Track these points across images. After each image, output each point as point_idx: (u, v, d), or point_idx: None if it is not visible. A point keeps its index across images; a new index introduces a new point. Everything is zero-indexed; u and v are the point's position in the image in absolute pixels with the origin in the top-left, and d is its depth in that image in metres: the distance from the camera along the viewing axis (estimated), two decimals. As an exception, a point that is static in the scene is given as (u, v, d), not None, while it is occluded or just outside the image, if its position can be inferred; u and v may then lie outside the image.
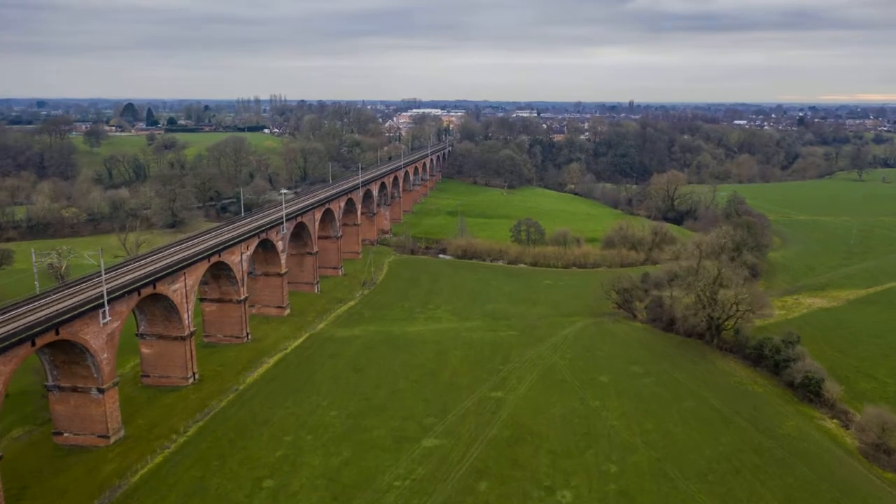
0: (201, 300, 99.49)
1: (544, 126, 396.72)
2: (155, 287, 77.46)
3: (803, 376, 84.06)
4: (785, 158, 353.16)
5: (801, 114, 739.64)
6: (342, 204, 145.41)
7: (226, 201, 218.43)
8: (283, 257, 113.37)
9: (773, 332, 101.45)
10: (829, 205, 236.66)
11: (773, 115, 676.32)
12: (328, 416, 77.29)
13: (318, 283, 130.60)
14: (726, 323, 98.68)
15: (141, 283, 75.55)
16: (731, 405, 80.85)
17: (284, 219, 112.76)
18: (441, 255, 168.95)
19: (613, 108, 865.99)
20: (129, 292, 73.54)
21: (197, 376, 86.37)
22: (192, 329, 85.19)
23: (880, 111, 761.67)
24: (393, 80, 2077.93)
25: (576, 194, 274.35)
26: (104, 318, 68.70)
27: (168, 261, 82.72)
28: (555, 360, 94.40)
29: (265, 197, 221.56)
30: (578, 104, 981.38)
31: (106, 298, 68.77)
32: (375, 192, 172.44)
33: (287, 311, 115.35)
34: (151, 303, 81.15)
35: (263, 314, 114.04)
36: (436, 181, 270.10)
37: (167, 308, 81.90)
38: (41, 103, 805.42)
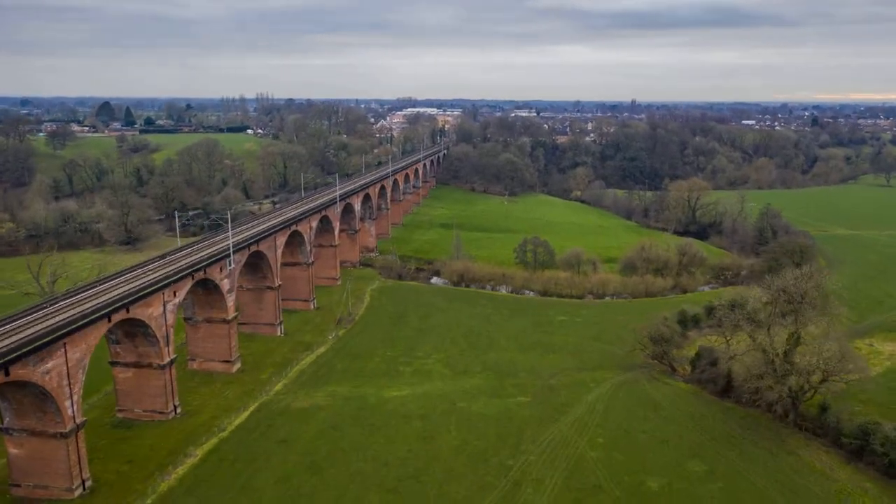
0: (112, 364, 75.25)
1: (546, 126, 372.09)
2: (7, 373, 53.13)
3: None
4: (804, 161, 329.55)
5: (806, 113, 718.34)
6: (314, 224, 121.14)
7: (193, 212, 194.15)
8: (229, 299, 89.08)
9: (858, 396, 77.96)
10: (868, 216, 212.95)
11: (779, 115, 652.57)
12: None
13: (281, 323, 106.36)
14: (806, 395, 74.63)
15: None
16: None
17: (232, 250, 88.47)
18: (434, 280, 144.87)
19: (614, 107, 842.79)
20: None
21: (88, 483, 62.03)
22: (79, 421, 60.93)
23: (890, 112, 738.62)
24: (391, 78, 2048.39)
25: (583, 202, 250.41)
26: None
27: (41, 327, 58.19)
28: (582, 447, 70.30)
29: (238, 208, 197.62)
30: (577, 103, 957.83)
31: None
32: (358, 206, 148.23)
33: (236, 367, 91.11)
34: (16, 387, 56.95)
35: (206, 370, 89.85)
36: (430, 188, 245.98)
37: (39, 395, 57.69)
38: (25, 102, 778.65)
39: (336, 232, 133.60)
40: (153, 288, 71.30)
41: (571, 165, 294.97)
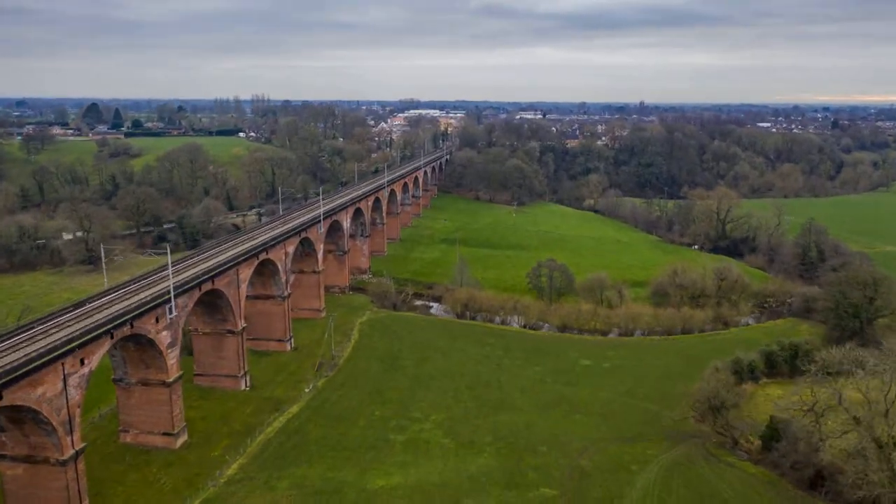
0: (-3, 457, 56.06)
1: (554, 130, 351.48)
2: None
3: None
4: (831, 167, 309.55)
5: (818, 115, 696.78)
6: (290, 249, 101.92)
7: (168, 225, 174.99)
8: (171, 356, 69.81)
9: None
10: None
11: (791, 116, 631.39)
12: None
13: (246, 374, 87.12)
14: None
15: None
16: None
17: (173, 295, 69.16)
18: (434, 308, 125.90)
19: (621, 108, 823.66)
20: None
21: None
22: None
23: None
24: (392, 79, 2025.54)
25: (597, 212, 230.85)
26: None
27: None
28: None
29: (217, 221, 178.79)
30: (583, 105, 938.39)
31: None
32: (347, 223, 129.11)
33: (181, 440, 71.82)
34: None
35: (142, 445, 70.60)
36: (431, 197, 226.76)
37: None
38: (21, 103, 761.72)
39: (320, 255, 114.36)
40: (46, 359, 52.05)
41: (583, 172, 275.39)
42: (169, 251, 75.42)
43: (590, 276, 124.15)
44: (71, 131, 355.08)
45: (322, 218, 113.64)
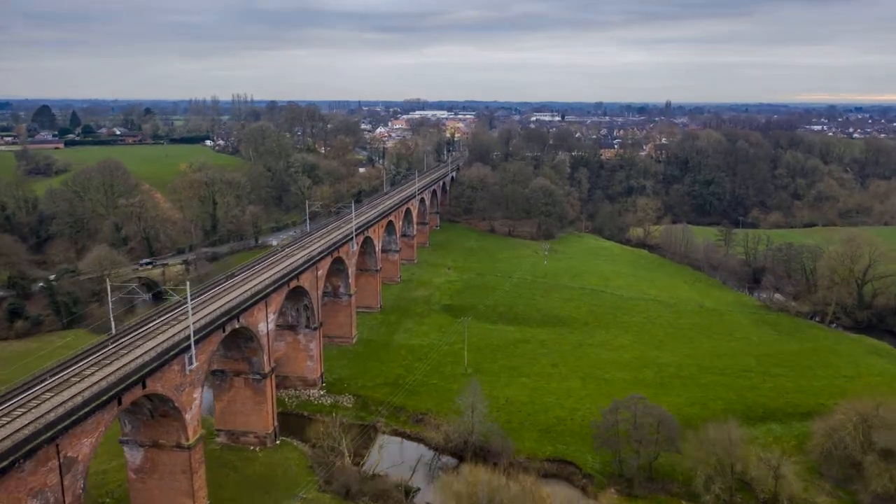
0: None
1: (579, 136, 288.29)
2: None
3: None
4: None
5: (856, 115, 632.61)
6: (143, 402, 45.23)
7: (38, 285, 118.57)
8: None
9: None
10: None
11: (838, 118, 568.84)
12: None
13: None
14: None
15: None
16: None
17: None
18: (420, 463, 69.21)
19: (642, 109, 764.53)
20: None
21: None
22: None
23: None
24: (395, 78, 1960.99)
25: (650, 248, 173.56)
26: None
27: None
28: None
29: (119, 273, 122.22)
30: (599, 104, 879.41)
31: None
32: (266, 327, 72.45)
33: None
34: None
35: None
36: (431, 229, 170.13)
37: None
38: (4, 104, 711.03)
39: (188, 411, 57.73)
40: None
41: (625, 191, 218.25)
42: None
43: (708, 431, 66.23)
44: (10, 138, 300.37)
45: (223, 326, 56.86)
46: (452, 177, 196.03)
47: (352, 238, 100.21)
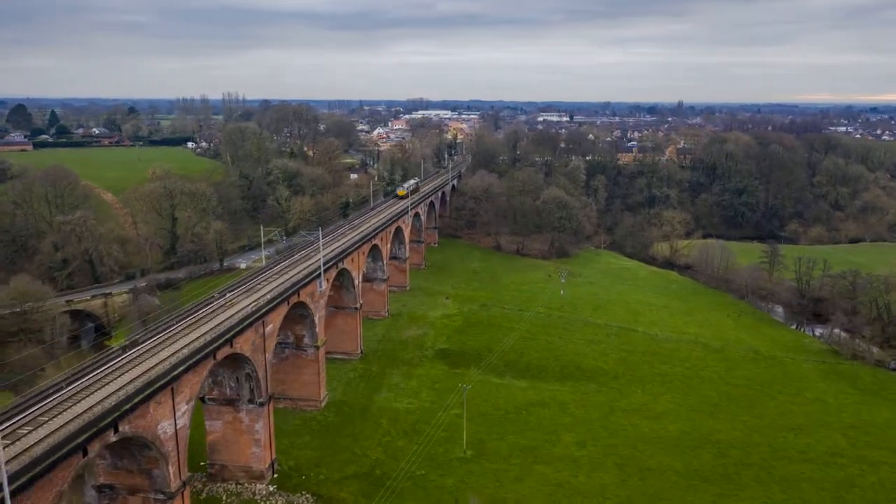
0: None
1: (592, 139, 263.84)
2: None
3: None
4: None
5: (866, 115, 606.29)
6: None
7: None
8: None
9: None
10: None
11: (858, 118, 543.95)
12: None
13: None
14: None
15: None
16: None
17: None
18: None
19: (652, 109, 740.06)
20: None
21: None
22: None
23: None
24: (399, 77, 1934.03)
25: (680, 269, 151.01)
26: None
27: None
28: None
29: (43, 308, 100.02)
30: (607, 104, 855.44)
31: None
32: (174, 424, 49.99)
33: None
34: None
35: None
36: (428, 246, 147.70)
37: None
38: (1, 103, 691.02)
39: None
40: None
41: (647, 201, 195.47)
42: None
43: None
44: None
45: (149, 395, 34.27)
46: (453, 185, 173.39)
47: (319, 276, 77.68)
